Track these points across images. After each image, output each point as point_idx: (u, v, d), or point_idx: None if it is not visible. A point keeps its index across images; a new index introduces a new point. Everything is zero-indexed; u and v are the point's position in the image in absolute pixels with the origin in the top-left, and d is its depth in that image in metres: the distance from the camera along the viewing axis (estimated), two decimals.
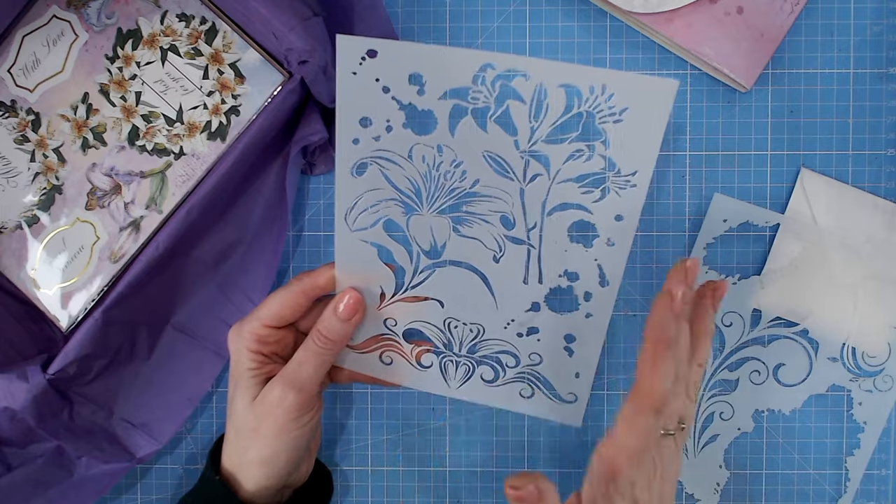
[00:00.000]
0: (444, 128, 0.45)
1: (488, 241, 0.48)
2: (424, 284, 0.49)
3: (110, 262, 0.55)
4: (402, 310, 0.50)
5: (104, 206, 0.55)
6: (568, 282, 0.48)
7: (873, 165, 0.56)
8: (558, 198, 0.47)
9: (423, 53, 0.44)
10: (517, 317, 0.49)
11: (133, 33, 0.54)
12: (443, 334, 0.50)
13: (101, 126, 0.55)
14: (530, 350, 0.50)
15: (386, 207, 0.47)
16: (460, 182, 0.47)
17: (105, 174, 0.55)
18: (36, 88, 0.55)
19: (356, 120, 0.45)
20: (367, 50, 0.44)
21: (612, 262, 0.47)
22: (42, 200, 0.55)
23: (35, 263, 0.55)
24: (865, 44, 0.56)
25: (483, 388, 0.51)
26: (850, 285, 0.56)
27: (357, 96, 0.45)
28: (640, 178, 0.45)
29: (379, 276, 0.49)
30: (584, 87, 0.44)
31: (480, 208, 0.47)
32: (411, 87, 0.44)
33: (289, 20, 0.49)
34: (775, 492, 0.57)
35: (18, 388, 0.51)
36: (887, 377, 0.56)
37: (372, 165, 0.46)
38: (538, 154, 0.46)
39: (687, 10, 0.53)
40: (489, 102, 0.45)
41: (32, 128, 0.55)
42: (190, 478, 0.58)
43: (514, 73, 0.44)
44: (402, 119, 0.45)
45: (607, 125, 0.44)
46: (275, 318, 0.48)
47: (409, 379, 0.51)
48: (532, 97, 0.44)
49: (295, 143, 0.53)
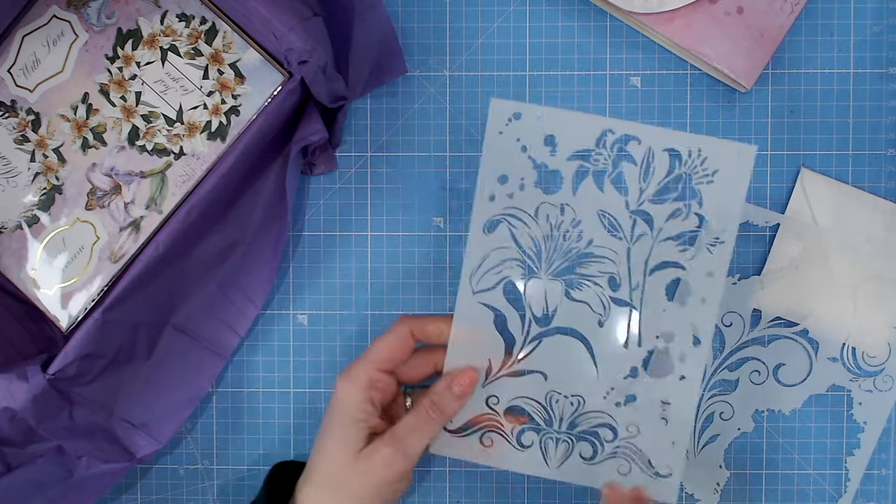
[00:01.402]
0: (569, 187, 0.49)
1: (595, 304, 0.50)
2: (531, 357, 0.51)
3: (110, 262, 0.55)
4: (506, 385, 0.51)
5: (104, 206, 0.55)
6: (664, 343, 0.50)
7: (873, 165, 0.56)
8: (659, 256, 0.50)
9: (559, 116, 0.49)
10: (616, 385, 0.51)
11: (133, 33, 0.54)
12: (544, 410, 0.51)
13: (101, 126, 0.55)
14: (628, 421, 0.51)
15: (508, 268, 0.50)
16: (576, 242, 0.50)
17: (105, 174, 0.55)
18: (36, 88, 0.55)
19: (496, 177, 0.49)
20: (514, 112, 0.49)
21: (703, 320, 0.50)
22: (42, 200, 0.55)
23: (35, 263, 0.55)
24: (865, 44, 0.56)
25: (582, 466, 0.51)
26: (850, 285, 0.56)
27: (500, 155, 0.49)
28: (728, 234, 0.49)
29: (490, 343, 0.50)
30: (683, 151, 0.49)
31: (591, 269, 0.50)
32: (545, 148, 0.49)
33: (289, 20, 0.49)
34: (775, 492, 0.57)
35: (18, 388, 0.51)
36: (887, 377, 0.56)
37: (502, 223, 0.50)
38: (644, 213, 0.49)
39: (687, 10, 0.53)
40: (607, 164, 0.49)
41: (32, 128, 0.55)
42: (190, 478, 0.59)
43: (629, 137, 0.49)
44: (534, 177, 0.49)
45: (702, 186, 0.49)
46: (386, 360, 0.49)
47: (508, 462, 0.51)
48: (642, 160, 0.49)
49: (295, 143, 0.53)
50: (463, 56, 0.57)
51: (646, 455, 0.51)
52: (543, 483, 0.57)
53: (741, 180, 0.49)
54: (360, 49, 0.54)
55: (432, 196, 0.57)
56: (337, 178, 0.58)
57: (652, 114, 0.56)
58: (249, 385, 0.58)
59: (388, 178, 0.57)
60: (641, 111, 0.56)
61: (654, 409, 0.51)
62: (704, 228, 0.50)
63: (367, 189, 0.58)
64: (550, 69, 0.57)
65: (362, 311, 0.58)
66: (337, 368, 0.58)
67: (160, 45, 0.54)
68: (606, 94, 0.56)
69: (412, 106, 0.57)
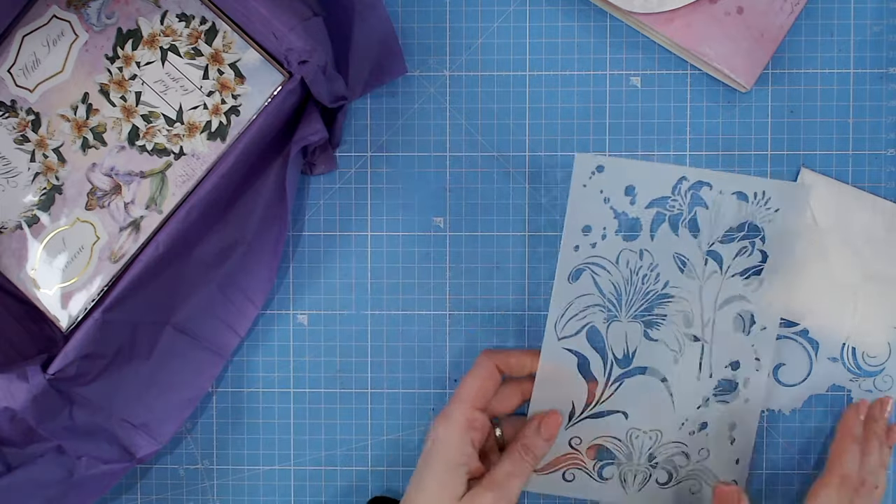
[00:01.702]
0: (647, 233, 0.52)
1: (671, 342, 0.53)
2: (613, 398, 0.53)
3: (110, 262, 0.55)
4: (588, 427, 0.53)
5: (104, 206, 0.55)
6: (732, 371, 0.54)
7: (873, 165, 0.56)
8: (727, 291, 0.53)
9: (638, 168, 0.52)
10: (690, 415, 0.54)
11: (133, 33, 0.54)
12: (624, 446, 0.54)
13: (101, 126, 0.55)
14: (700, 446, 0.54)
15: (591, 314, 0.53)
16: (654, 284, 0.53)
17: (105, 174, 0.55)
18: (36, 88, 0.55)
19: (580, 228, 0.52)
20: (597, 166, 0.51)
21: (764, 345, 0.54)
22: (42, 200, 0.55)
23: (35, 263, 0.55)
24: (865, 44, 0.56)
25: (658, 491, 0.54)
26: (850, 285, 0.56)
27: (584, 206, 0.52)
28: (786, 266, 0.53)
29: (574, 387, 0.53)
30: (750, 193, 0.52)
31: (668, 309, 0.53)
32: (625, 198, 0.52)
33: (289, 20, 0.49)
34: (775, 492, 0.57)
35: (18, 388, 0.51)
36: (887, 377, 0.56)
37: (586, 271, 0.52)
38: (714, 253, 0.53)
39: (687, 10, 0.53)
40: (682, 209, 0.52)
41: (32, 128, 0.55)
42: (190, 478, 0.59)
43: (701, 183, 0.52)
44: (615, 226, 0.52)
45: (765, 224, 0.53)
46: (479, 397, 0.50)
47: (588, 492, 0.54)
48: (713, 203, 0.52)
49: (295, 143, 0.53)
50: (463, 56, 0.57)
51: (714, 473, 0.54)
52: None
53: (799, 216, 0.53)
54: (360, 49, 0.54)
55: (432, 196, 0.57)
56: (337, 178, 0.58)
57: (652, 114, 0.56)
58: (249, 385, 0.58)
59: (388, 178, 0.57)
60: (641, 111, 0.56)
61: (724, 432, 0.54)
62: (766, 263, 0.53)
63: (367, 189, 0.58)
64: (550, 69, 0.57)
65: (362, 311, 0.58)
66: (336, 368, 0.58)
67: (160, 45, 0.54)
68: (606, 94, 0.56)
69: (412, 106, 0.57)
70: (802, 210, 0.53)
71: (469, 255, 0.57)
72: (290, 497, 0.58)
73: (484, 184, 0.57)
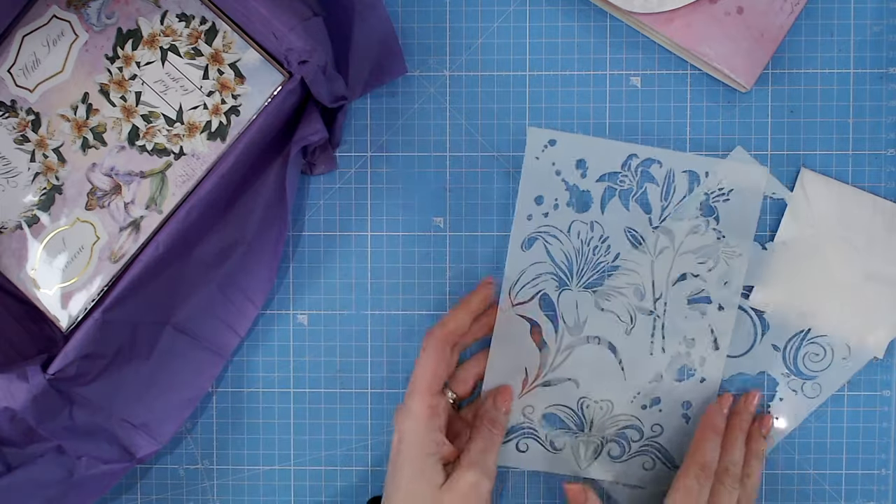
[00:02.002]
0: (598, 206, 0.54)
1: (622, 314, 0.55)
2: (564, 365, 0.55)
3: (110, 262, 0.55)
4: (540, 395, 0.55)
5: (104, 206, 0.55)
6: (686, 349, 0.55)
7: (873, 165, 0.56)
8: (680, 269, 0.54)
9: (588, 143, 0.55)
10: (642, 389, 0.55)
11: (133, 33, 0.54)
12: (576, 415, 0.55)
13: (101, 126, 0.55)
14: (653, 421, 0.55)
15: (544, 282, 0.55)
16: (605, 256, 0.54)
17: (105, 174, 0.55)
18: (36, 88, 0.55)
19: (532, 198, 0.54)
20: (549, 139, 0.54)
21: (722, 325, 0.55)
22: (42, 200, 0.55)
23: (35, 263, 0.55)
24: (865, 44, 0.56)
25: (610, 464, 0.55)
26: (850, 285, 0.55)
27: (536, 178, 0.54)
28: (743, 248, 0.54)
29: (527, 353, 0.55)
30: (701, 173, 0.54)
31: (619, 281, 0.55)
32: (576, 171, 0.54)
33: (289, 20, 0.49)
34: (775, 492, 0.57)
35: (18, 388, 0.51)
36: (816, 385, 0.56)
37: (538, 240, 0.55)
38: (666, 229, 0.54)
39: (687, 10, 0.53)
40: (633, 185, 0.54)
41: (32, 128, 0.55)
42: (190, 478, 0.59)
43: (651, 160, 0.54)
44: (566, 198, 0.54)
45: (718, 204, 0.54)
46: (434, 381, 0.50)
47: (542, 464, 0.56)
48: (664, 181, 0.54)
49: (295, 143, 0.53)
50: (463, 56, 0.57)
51: (668, 451, 0.55)
52: (544, 483, 0.57)
53: (754, 199, 0.54)
54: (360, 49, 0.54)
55: (432, 196, 0.57)
56: (337, 178, 0.58)
57: (652, 114, 0.56)
58: (249, 385, 0.58)
59: (388, 178, 0.57)
60: (641, 111, 0.56)
61: (677, 409, 0.55)
62: (721, 243, 0.54)
63: (367, 189, 0.58)
64: (550, 69, 0.57)
65: (362, 311, 0.58)
66: (336, 368, 0.58)
67: (160, 45, 0.54)
68: (606, 94, 0.56)
69: (412, 106, 0.57)
70: (757, 193, 0.54)
71: (469, 255, 0.57)
72: (290, 497, 0.58)
73: (484, 184, 0.57)
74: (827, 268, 0.56)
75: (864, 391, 0.57)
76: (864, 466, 0.57)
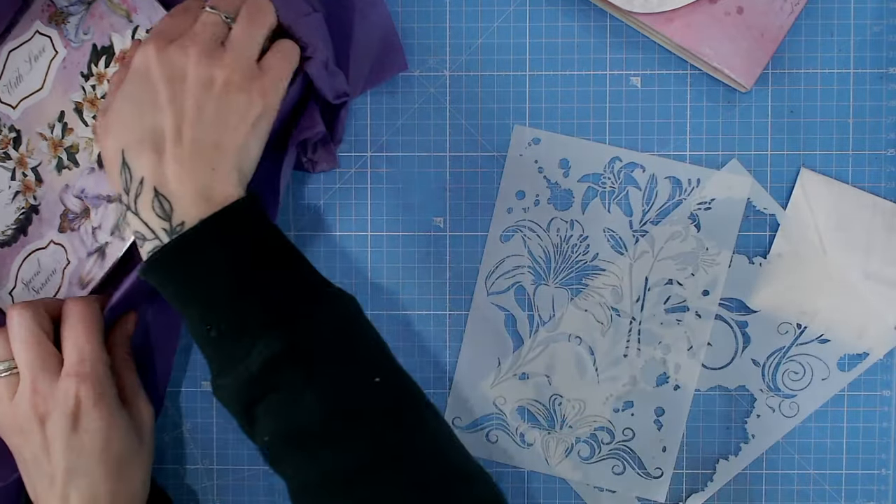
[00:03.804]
0: (578, 205, 0.55)
1: (599, 314, 0.55)
2: (538, 359, 0.55)
3: (80, 287, 0.53)
4: (513, 387, 0.55)
5: (74, 230, 0.53)
6: (662, 354, 0.55)
7: (873, 165, 0.56)
8: (659, 273, 0.55)
9: (572, 144, 0.55)
10: (615, 391, 0.55)
11: (106, 49, 0.52)
12: (547, 411, 0.55)
13: (75, 146, 0.53)
14: (624, 425, 0.55)
15: (520, 274, 0.55)
16: (583, 255, 0.55)
17: (76, 196, 0.53)
18: (18, 105, 0.54)
19: (514, 192, 0.55)
20: (534, 138, 0.55)
21: (699, 333, 0.55)
22: (20, 220, 0.54)
23: (13, 285, 0.54)
24: (865, 44, 0.56)
25: (580, 465, 0.55)
26: (850, 285, 0.55)
27: (519, 173, 0.55)
28: (723, 257, 0.54)
29: (500, 343, 0.55)
30: (684, 180, 0.55)
31: (596, 282, 0.55)
32: (559, 170, 0.55)
33: (287, 15, 0.49)
34: (775, 492, 0.57)
35: None
36: (794, 404, 0.56)
37: (517, 233, 0.55)
38: (646, 233, 0.55)
39: (687, 10, 0.53)
40: (615, 187, 0.55)
41: (14, 145, 0.54)
42: (190, 478, 0.58)
43: (634, 164, 0.55)
44: (548, 195, 0.55)
45: (700, 211, 0.55)
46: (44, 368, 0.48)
47: (511, 457, 0.55)
48: (646, 185, 0.55)
49: (293, 139, 0.53)
50: (463, 56, 0.57)
51: (639, 457, 0.55)
52: (544, 483, 0.57)
53: (736, 208, 0.54)
54: (361, 46, 0.54)
55: (432, 196, 0.57)
56: (337, 178, 0.58)
57: (652, 114, 0.56)
58: None
59: (388, 178, 0.57)
60: (641, 111, 0.56)
61: (649, 415, 0.55)
62: (701, 251, 0.54)
63: (367, 189, 0.58)
64: (550, 69, 0.57)
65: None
66: None
67: None
68: (606, 94, 0.56)
69: (412, 106, 0.57)
70: (739, 203, 0.54)
71: (469, 255, 0.57)
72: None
73: (484, 184, 0.57)
74: (826, 268, 0.56)
75: (864, 391, 0.57)
76: (864, 466, 0.57)
